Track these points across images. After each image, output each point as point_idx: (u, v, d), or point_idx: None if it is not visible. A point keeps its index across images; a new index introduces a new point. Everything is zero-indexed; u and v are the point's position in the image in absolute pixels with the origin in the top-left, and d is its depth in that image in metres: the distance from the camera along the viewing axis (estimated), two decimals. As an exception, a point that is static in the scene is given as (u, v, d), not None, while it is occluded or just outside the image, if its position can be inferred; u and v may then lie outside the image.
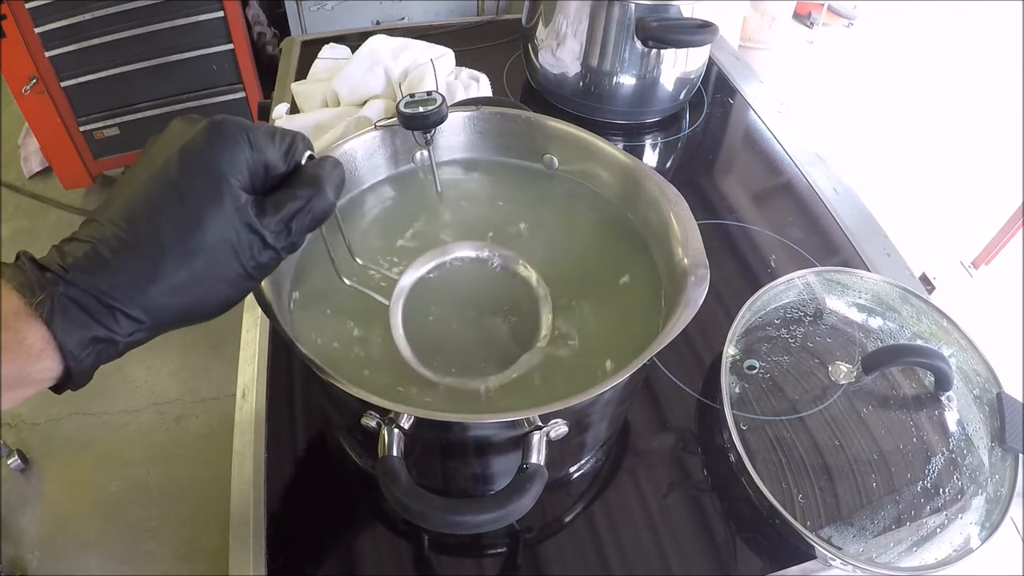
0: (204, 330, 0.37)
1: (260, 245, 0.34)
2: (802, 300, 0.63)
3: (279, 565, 0.50)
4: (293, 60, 1.01)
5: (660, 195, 0.54)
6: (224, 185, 0.33)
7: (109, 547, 1.35)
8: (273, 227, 0.35)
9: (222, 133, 0.34)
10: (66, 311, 0.30)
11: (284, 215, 0.35)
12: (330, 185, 0.37)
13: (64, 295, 0.31)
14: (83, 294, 0.31)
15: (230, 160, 0.33)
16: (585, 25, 0.85)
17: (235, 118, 0.35)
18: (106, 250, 0.31)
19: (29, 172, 2.08)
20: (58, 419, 1.53)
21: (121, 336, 0.32)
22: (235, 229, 0.33)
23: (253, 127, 0.35)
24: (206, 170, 0.33)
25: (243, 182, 0.34)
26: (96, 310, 0.31)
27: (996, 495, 0.52)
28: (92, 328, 0.31)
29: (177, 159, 0.33)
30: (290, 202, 0.35)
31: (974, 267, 1.65)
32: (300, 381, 0.62)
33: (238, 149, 0.34)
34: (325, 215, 0.37)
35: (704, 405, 0.61)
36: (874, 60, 2.52)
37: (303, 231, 0.36)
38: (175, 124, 0.35)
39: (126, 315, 0.32)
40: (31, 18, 1.53)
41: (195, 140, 0.33)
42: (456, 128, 0.60)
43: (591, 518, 0.54)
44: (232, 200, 0.33)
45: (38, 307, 0.30)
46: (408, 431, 0.40)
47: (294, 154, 0.37)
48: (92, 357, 0.32)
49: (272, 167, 0.36)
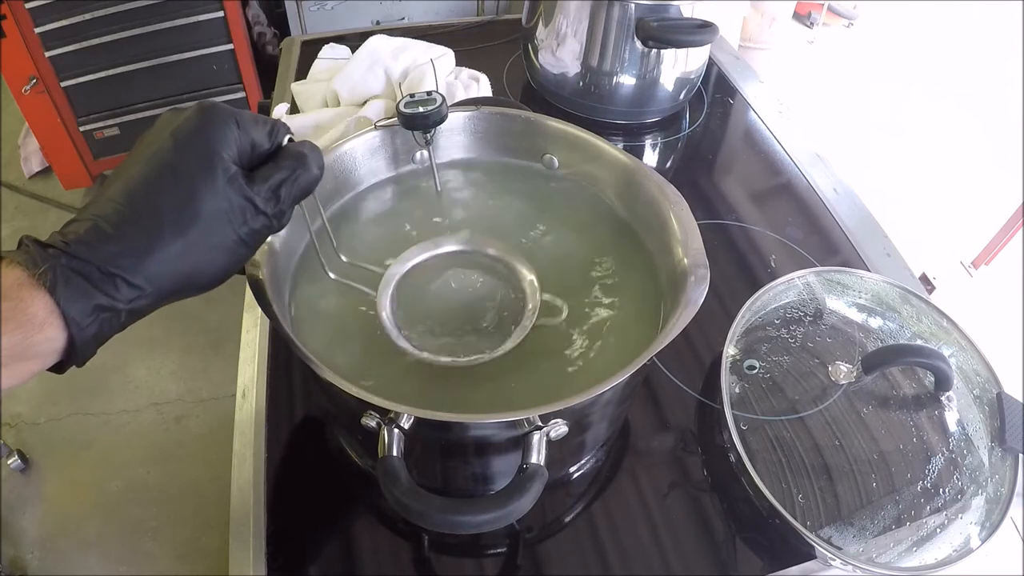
0: (204, 330, 0.38)
1: (252, 211, 0.37)
2: (802, 300, 0.63)
3: (279, 565, 0.50)
4: (293, 60, 1.01)
5: (660, 195, 0.54)
6: (215, 158, 0.35)
7: (109, 547, 1.35)
8: (263, 194, 0.37)
9: (212, 113, 0.36)
10: (69, 281, 0.31)
11: (272, 183, 0.38)
12: (312, 160, 0.40)
13: (66, 266, 0.32)
14: (85, 264, 0.32)
15: (220, 137, 0.36)
16: (585, 25, 0.85)
17: (222, 103, 0.37)
18: (106, 224, 0.33)
19: (29, 172, 2.08)
20: (58, 419, 1.53)
21: (123, 303, 0.33)
22: (227, 197, 0.35)
23: (239, 111, 0.38)
24: (198, 146, 0.35)
25: (232, 156, 0.36)
26: (98, 279, 0.32)
27: (996, 495, 0.52)
28: (94, 296, 0.32)
29: (171, 140, 0.35)
30: (276, 172, 0.38)
31: (974, 267, 1.65)
32: (300, 381, 0.62)
33: (227, 128, 0.36)
34: (310, 186, 0.40)
35: (704, 405, 0.62)
36: (874, 60, 2.52)
37: (291, 200, 0.39)
38: (165, 115, 0.37)
39: (127, 282, 0.33)
40: (31, 18, 1.53)
41: (187, 121, 0.36)
42: (456, 128, 0.60)
43: (591, 518, 0.54)
44: (223, 171, 0.35)
45: (40, 277, 0.31)
46: (408, 431, 0.40)
47: (277, 135, 0.39)
48: (95, 326, 0.33)
49: (257, 145, 0.38)
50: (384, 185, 0.60)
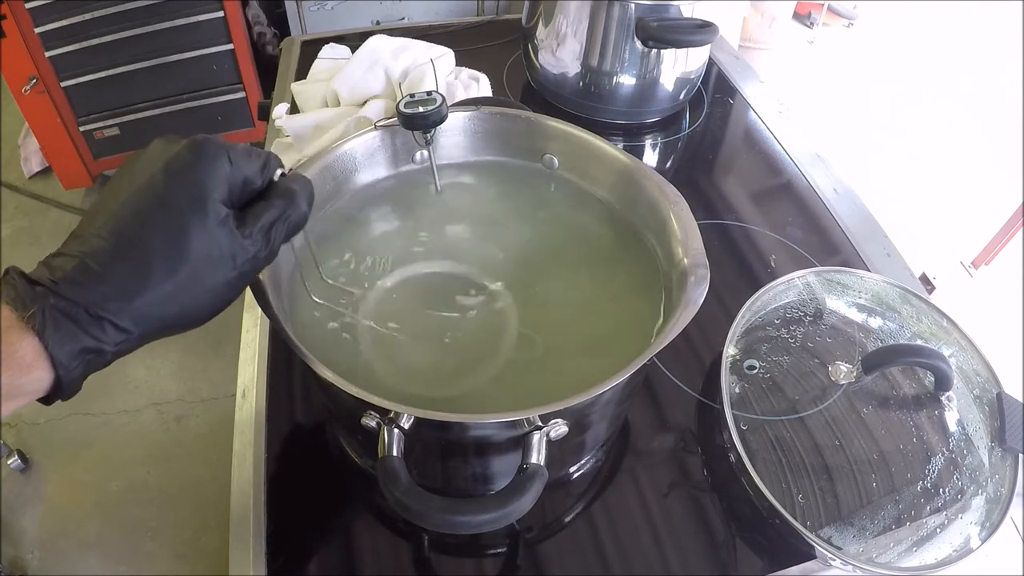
0: (204, 330, 0.38)
1: (242, 254, 0.36)
2: (802, 300, 0.63)
3: (279, 565, 0.50)
4: (293, 60, 1.01)
5: (660, 195, 0.54)
6: (207, 199, 0.35)
7: (109, 547, 1.35)
8: (253, 237, 0.37)
9: (204, 150, 0.35)
10: (57, 324, 0.31)
11: (263, 224, 0.37)
12: (302, 197, 0.39)
13: (55, 307, 0.31)
14: (72, 306, 0.32)
15: (212, 175, 0.35)
16: (585, 25, 0.85)
17: (215, 138, 0.37)
18: (94, 263, 0.33)
19: (29, 172, 2.08)
20: (58, 419, 1.53)
21: (109, 346, 0.33)
22: (217, 241, 0.35)
23: (232, 146, 0.37)
24: (190, 185, 0.35)
25: (223, 196, 0.36)
26: (85, 321, 0.32)
27: (996, 495, 0.52)
28: (82, 339, 0.32)
29: (163, 175, 0.35)
30: (267, 212, 0.37)
31: (974, 267, 1.65)
32: (300, 381, 0.62)
33: (219, 165, 0.36)
34: (299, 224, 0.40)
35: (704, 405, 0.62)
36: (874, 60, 2.52)
37: (280, 239, 0.38)
38: (156, 143, 0.37)
39: (114, 325, 0.33)
40: (31, 18, 1.53)
41: (179, 156, 0.35)
42: (456, 128, 0.60)
43: (591, 518, 0.54)
44: (215, 213, 0.35)
45: (29, 320, 0.31)
46: (408, 431, 0.40)
47: (269, 170, 0.39)
48: (81, 367, 0.33)
49: (249, 182, 0.38)
50: (384, 185, 0.60)
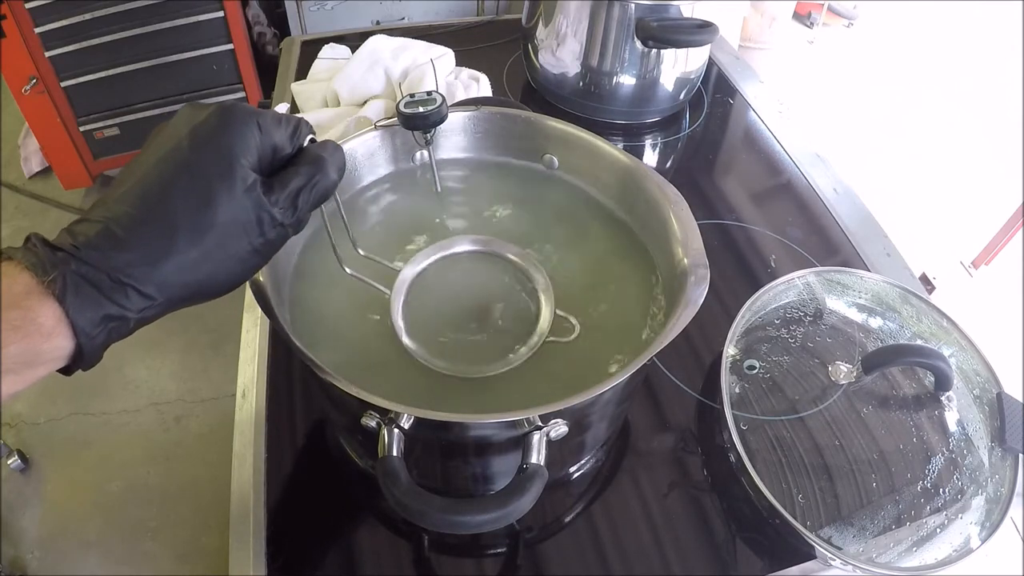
0: (204, 330, 0.38)
1: (269, 222, 0.35)
2: (802, 300, 0.63)
3: (279, 565, 0.50)
4: (293, 60, 1.01)
5: (660, 195, 0.54)
6: (235, 164, 0.34)
7: (109, 547, 1.35)
8: (281, 204, 0.36)
9: (233, 115, 0.35)
10: (78, 289, 0.31)
11: (290, 191, 0.36)
12: (332, 164, 0.38)
13: (76, 273, 0.31)
14: (95, 272, 0.31)
15: (241, 141, 0.35)
16: (585, 25, 0.85)
17: (244, 104, 0.36)
18: (118, 228, 0.32)
19: (29, 172, 2.08)
20: (58, 419, 1.53)
21: (132, 313, 0.32)
22: (245, 207, 0.34)
23: (261, 112, 0.36)
24: (217, 150, 0.34)
25: (252, 162, 0.35)
26: (108, 287, 0.31)
27: (996, 495, 0.52)
28: (104, 306, 0.31)
29: (189, 139, 0.34)
30: (295, 179, 0.37)
31: (974, 267, 1.65)
32: (300, 381, 0.62)
33: (248, 131, 0.35)
34: (328, 192, 0.39)
35: (704, 405, 0.61)
36: (874, 60, 2.51)
37: (308, 207, 0.38)
38: (184, 110, 0.36)
39: (138, 292, 0.32)
40: (31, 18, 1.53)
41: (207, 122, 0.34)
42: (456, 128, 0.60)
43: (591, 518, 0.54)
44: (242, 179, 0.34)
45: (50, 285, 0.30)
46: (408, 431, 0.40)
47: (299, 137, 0.38)
48: (104, 335, 0.32)
49: (279, 149, 0.37)
50: (384, 185, 0.60)
